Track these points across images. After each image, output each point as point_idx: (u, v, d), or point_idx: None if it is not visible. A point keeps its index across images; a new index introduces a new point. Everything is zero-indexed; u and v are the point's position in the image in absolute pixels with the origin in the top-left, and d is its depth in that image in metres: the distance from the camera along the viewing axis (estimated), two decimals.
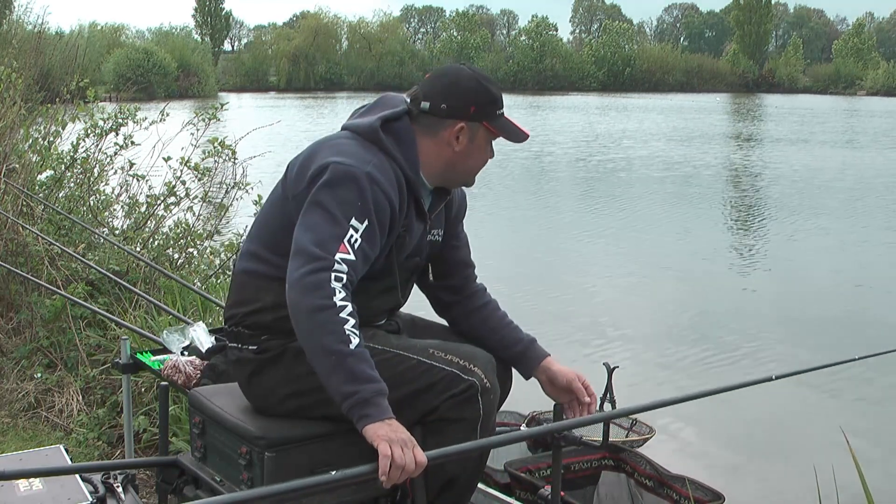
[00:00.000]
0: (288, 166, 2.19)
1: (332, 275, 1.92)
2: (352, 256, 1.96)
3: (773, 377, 2.46)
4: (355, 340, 1.91)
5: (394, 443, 1.85)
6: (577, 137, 27.24)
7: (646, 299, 8.51)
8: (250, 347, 2.14)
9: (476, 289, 2.43)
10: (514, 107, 47.00)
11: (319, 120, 35.50)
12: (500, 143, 2.31)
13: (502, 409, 2.65)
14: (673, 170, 19.47)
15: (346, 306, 1.92)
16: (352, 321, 1.92)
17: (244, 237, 2.32)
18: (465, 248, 2.43)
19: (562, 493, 2.38)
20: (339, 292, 1.92)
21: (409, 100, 2.21)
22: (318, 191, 2.02)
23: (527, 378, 2.41)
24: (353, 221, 1.98)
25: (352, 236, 1.97)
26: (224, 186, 5.80)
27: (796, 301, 8.54)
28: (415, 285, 2.41)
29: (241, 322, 2.16)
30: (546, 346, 2.45)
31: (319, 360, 1.93)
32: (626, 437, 3.40)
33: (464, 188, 2.37)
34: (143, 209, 5.77)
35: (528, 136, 2.24)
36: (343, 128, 2.23)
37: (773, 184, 17.33)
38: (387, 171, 2.08)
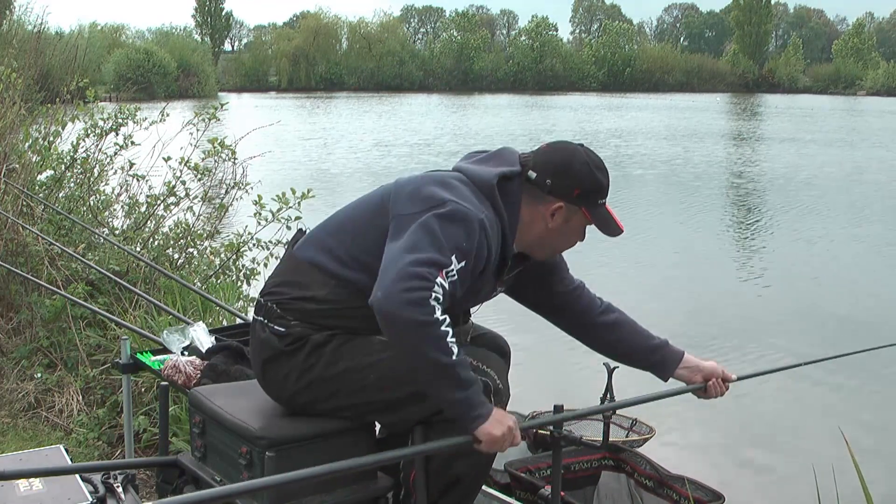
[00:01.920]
0: (397, 184, 2.18)
1: (433, 294, 1.95)
2: (447, 286, 1.99)
3: (735, 378, 2.50)
4: (456, 349, 1.97)
5: (504, 441, 2.03)
6: (576, 136, 27.28)
7: (644, 298, 8.51)
8: (276, 328, 2.15)
9: (591, 297, 2.49)
10: (515, 106, 47.07)
11: (319, 120, 35.53)
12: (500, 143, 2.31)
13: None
14: (666, 168, 19.49)
15: (445, 320, 1.96)
16: (451, 332, 1.97)
17: (317, 225, 2.29)
18: (563, 267, 2.47)
19: (562, 493, 2.38)
20: (438, 309, 1.95)
21: (521, 163, 2.22)
22: (431, 218, 2.02)
23: (666, 380, 2.50)
24: (455, 256, 2.00)
25: (451, 270, 2.00)
26: (224, 186, 5.80)
27: (796, 300, 8.54)
28: (535, 312, 2.50)
29: (280, 301, 2.16)
30: (546, 346, 2.48)
31: (426, 371, 1.99)
32: (627, 437, 3.41)
33: None
34: (143, 209, 5.76)
35: (622, 230, 2.27)
36: (458, 169, 2.23)
37: (766, 182, 17.39)
38: (494, 226, 2.12)
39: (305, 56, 75.91)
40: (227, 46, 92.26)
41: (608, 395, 3.19)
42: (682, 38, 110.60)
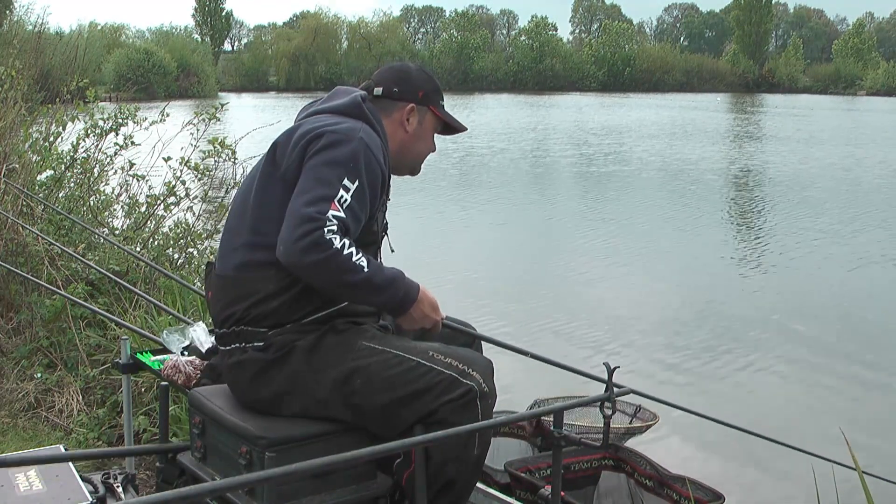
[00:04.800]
0: (273, 149, 2.20)
1: (325, 229, 1.97)
2: (342, 214, 2.02)
3: None
4: (364, 262, 2.02)
5: (431, 317, 2.20)
6: (570, 135, 27.30)
7: (645, 298, 8.51)
8: (256, 344, 2.12)
9: None
10: (514, 106, 47.06)
11: None
12: (489, 146, 2.32)
13: (502, 409, 2.65)
14: (664, 168, 19.51)
15: (344, 244, 1.99)
16: (354, 251, 2.00)
17: (221, 239, 2.30)
18: None
19: (562, 493, 2.37)
20: (337, 239, 1.98)
21: (363, 91, 2.34)
22: (311, 157, 2.09)
23: None
24: (345, 181, 2.05)
25: (342, 196, 2.03)
26: (224, 186, 5.80)
27: (795, 300, 8.54)
28: None
29: (242, 319, 2.12)
30: (545, 345, 2.48)
31: (352, 296, 2.09)
32: (630, 423, 3.40)
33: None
34: (143, 209, 5.76)
35: (466, 128, 2.49)
36: (315, 113, 2.29)
37: (763, 181, 17.42)
38: (375, 138, 2.19)
39: (305, 56, 75.89)
40: (227, 46, 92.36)
41: (609, 394, 3.18)
42: (682, 38, 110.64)
